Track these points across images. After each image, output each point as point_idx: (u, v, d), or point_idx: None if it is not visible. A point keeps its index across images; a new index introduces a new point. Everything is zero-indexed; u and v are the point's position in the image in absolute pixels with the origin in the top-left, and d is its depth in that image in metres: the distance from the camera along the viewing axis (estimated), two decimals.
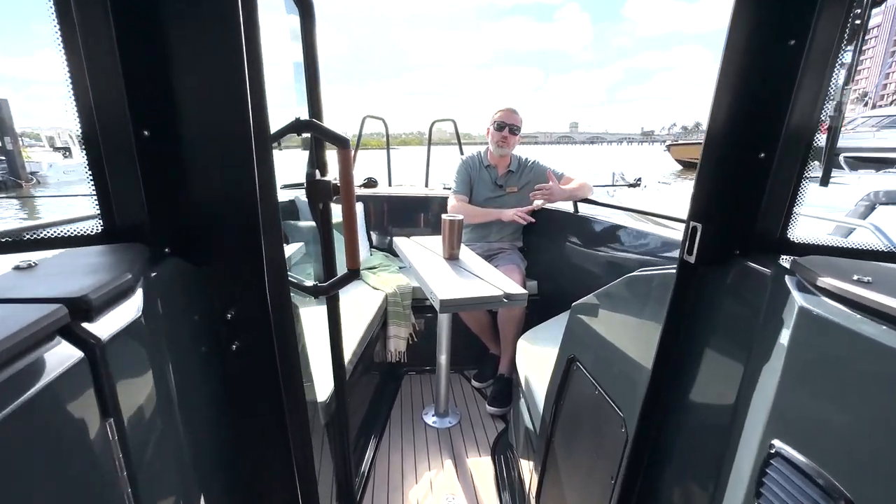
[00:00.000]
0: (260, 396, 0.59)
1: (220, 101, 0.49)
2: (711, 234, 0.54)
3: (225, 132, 0.50)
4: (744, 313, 0.52)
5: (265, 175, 0.54)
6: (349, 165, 0.88)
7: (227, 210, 0.52)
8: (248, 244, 0.53)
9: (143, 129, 0.47)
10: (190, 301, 0.51)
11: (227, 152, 0.51)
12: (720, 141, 0.52)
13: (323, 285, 0.92)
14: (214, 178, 0.51)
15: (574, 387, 0.99)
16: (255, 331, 0.56)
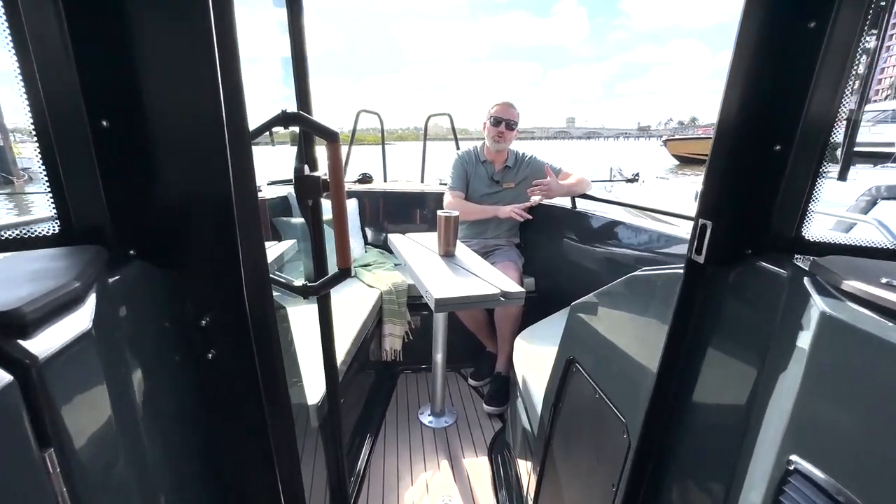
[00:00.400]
0: (239, 406, 0.55)
1: (188, 89, 0.45)
2: (722, 233, 0.50)
3: (195, 123, 0.46)
4: (757, 317, 0.48)
5: (243, 171, 0.50)
6: (339, 160, 0.83)
7: (199, 208, 0.48)
8: (223, 245, 0.49)
9: (101, 118, 0.43)
10: (159, 307, 0.48)
11: (198, 146, 0.47)
12: (732, 133, 0.48)
13: (313, 285, 0.88)
14: (185, 173, 0.47)
15: (573, 389, 0.96)
16: (233, 337, 0.52)
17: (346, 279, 0.87)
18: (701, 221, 0.52)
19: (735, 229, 0.50)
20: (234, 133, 0.48)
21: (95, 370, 0.37)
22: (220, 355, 0.52)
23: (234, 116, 0.48)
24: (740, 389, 0.49)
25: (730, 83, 0.47)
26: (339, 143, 0.82)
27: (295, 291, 0.88)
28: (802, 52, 0.45)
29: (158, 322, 0.47)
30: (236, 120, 0.48)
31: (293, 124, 0.84)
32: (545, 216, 2.35)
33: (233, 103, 0.48)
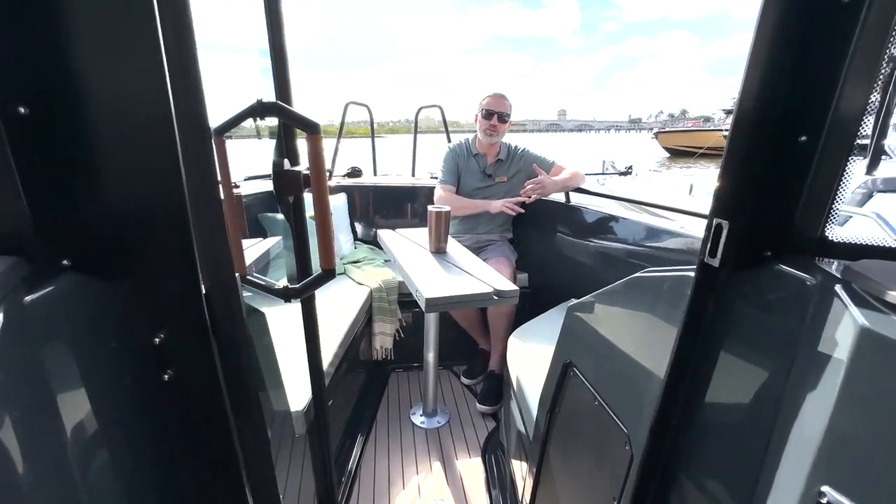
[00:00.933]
0: (204, 434, 0.49)
1: (126, 73, 0.39)
2: (740, 233, 0.45)
3: (137, 114, 0.40)
4: (779, 327, 0.44)
5: (203, 167, 0.44)
6: (320, 154, 0.77)
7: (147, 210, 0.42)
8: (177, 251, 0.43)
9: (18, 104, 0.37)
10: (101, 325, 0.42)
11: (142, 139, 0.40)
12: (752, 121, 0.43)
13: (295, 287, 0.82)
14: (128, 171, 0.41)
15: (571, 394, 0.91)
16: (193, 355, 0.46)
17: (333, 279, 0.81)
18: (716, 221, 0.47)
19: (754, 229, 0.45)
20: (190, 125, 0.42)
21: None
22: (178, 376, 0.46)
23: (189, 107, 0.42)
24: (760, 407, 0.45)
25: (751, 64, 0.42)
26: (321, 135, 0.76)
27: (275, 295, 0.82)
28: (835, 31, 0.40)
29: (101, 342, 0.41)
30: (193, 111, 0.42)
31: (270, 115, 0.77)
32: (538, 211, 2.30)
33: (188, 92, 0.41)
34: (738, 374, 0.49)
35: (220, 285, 0.47)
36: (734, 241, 0.46)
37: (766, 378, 0.45)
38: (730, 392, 0.50)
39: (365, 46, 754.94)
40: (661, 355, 0.62)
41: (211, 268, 0.46)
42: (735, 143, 0.44)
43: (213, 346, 0.47)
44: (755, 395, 0.46)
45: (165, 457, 0.48)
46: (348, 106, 3.07)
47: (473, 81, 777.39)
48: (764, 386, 0.45)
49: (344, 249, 2.47)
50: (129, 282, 0.43)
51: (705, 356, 0.52)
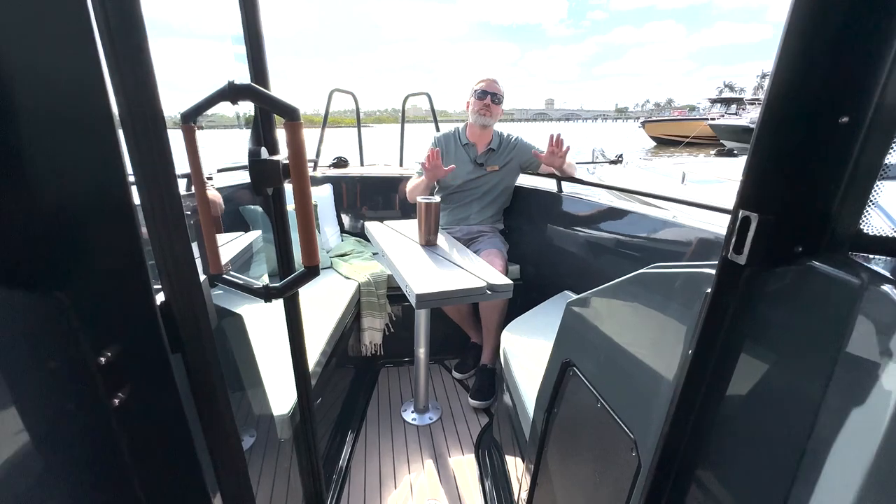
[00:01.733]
0: (164, 456, 0.43)
1: (47, 40, 0.32)
2: (770, 227, 0.41)
3: (65, 92, 0.33)
4: (815, 333, 0.39)
5: (156, 160, 0.37)
6: (300, 141, 0.70)
7: (82, 210, 0.35)
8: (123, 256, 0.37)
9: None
10: (33, 345, 0.35)
11: (72, 123, 0.34)
12: (786, 100, 0.38)
13: (275, 286, 0.76)
14: (54, 162, 0.34)
15: (570, 395, 0.87)
16: (149, 373, 0.40)
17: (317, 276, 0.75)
18: (742, 213, 0.42)
19: (784, 222, 0.41)
20: (139, 109, 0.35)
21: None
22: (131, 399, 0.40)
23: (135, 87, 0.35)
24: (791, 420, 0.40)
25: (788, 32, 0.37)
26: (300, 121, 0.69)
27: (255, 295, 0.75)
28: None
29: (33, 364, 0.35)
30: (140, 91, 0.36)
31: (243, 98, 0.70)
32: (530, 201, 2.25)
33: (134, 74, 0.35)
34: (764, 383, 0.44)
35: (183, 290, 0.41)
36: (763, 236, 0.41)
37: (799, 388, 0.41)
38: (755, 401, 0.45)
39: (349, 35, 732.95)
40: (672, 358, 0.58)
41: (171, 271, 0.40)
42: (766, 125, 0.39)
43: (171, 363, 0.41)
44: (786, 407, 0.42)
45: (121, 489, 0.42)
46: (333, 93, 2.96)
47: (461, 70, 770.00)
48: (797, 396, 0.41)
49: (330, 242, 2.39)
50: (65, 292, 0.36)
51: (725, 361, 0.48)
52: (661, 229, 1.58)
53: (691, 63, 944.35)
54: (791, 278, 0.42)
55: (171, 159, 0.41)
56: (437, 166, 1.89)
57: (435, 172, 1.91)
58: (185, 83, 28.99)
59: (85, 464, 0.39)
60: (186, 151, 0.66)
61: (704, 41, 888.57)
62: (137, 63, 0.37)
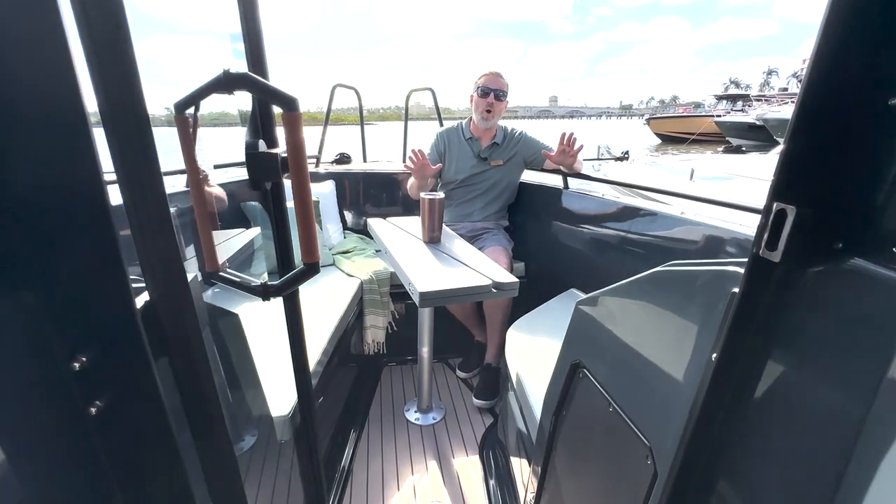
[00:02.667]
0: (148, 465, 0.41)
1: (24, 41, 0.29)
2: (808, 221, 0.37)
3: (42, 93, 0.30)
4: (858, 340, 0.36)
5: (139, 154, 0.35)
6: (299, 132, 0.67)
7: (51, 207, 0.32)
8: (97, 256, 0.34)
9: None
10: (2, 350, 0.32)
11: (49, 127, 0.31)
12: (829, 79, 0.34)
13: (274, 284, 0.73)
14: (17, 154, 0.31)
15: (580, 397, 0.84)
16: (128, 379, 0.37)
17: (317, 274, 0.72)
18: (777, 206, 0.38)
19: (825, 216, 0.37)
20: (117, 102, 0.32)
21: None
22: (110, 407, 0.37)
23: (115, 88, 0.32)
24: (828, 440, 0.37)
25: (831, 12, 0.33)
26: (299, 112, 0.65)
27: (252, 293, 0.72)
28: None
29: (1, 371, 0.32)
30: (120, 92, 0.33)
31: (238, 88, 0.66)
32: (535, 197, 2.21)
33: (115, 70, 0.32)
34: (798, 394, 0.41)
35: (168, 290, 0.38)
36: (800, 231, 0.37)
37: (838, 402, 0.37)
38: (787, 414, 0.42)
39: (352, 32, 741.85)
40: (692, 362, 0.54)
41: (156, 271, 0.37)
42: (805, 108, 0.36)
43: (154, 369, 0.38)
44: (823, 423, 0.38)
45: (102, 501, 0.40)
46: (335, 89, 2.93)
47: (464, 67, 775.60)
48: (836, 411, 0.37)
49: (333, 239, 2.36)
50: (34, 293, 0.33)
51: (753, 368, 0.44)
52: (670, 226, 1.54)
53: (696, 59, 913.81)
54: (830, 278, 0.39)
55: (155, 154, 0.38)
56: (423, 165, 1.83)
57: (422, 172, 1.86)
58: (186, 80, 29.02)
59: (61, 476, 0.36)
60: (181, 143, 0.63)
61: (709, 37, 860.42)
62: (119, 59, 0.34)
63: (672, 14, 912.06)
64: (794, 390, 0.41)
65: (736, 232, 1.27)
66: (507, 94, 2.00)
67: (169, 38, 62.13)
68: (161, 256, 0.37)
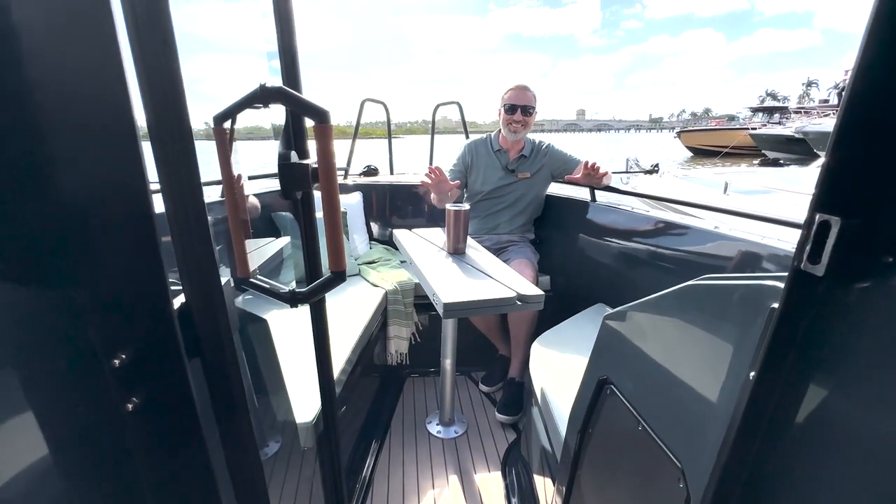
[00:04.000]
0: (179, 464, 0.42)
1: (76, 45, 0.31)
2: (855, 232, 0.35)
3: (89, 94, 0.33)
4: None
5: (181, 164, 0.36)
6: (329, 144, 0.69)
7: (101, 209, 0.34)
8: (140, 258, 0.36)
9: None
10: (46, 344, 0.34)
11: (96, 124, 0.33)
12: (873, 87, 0.33)
13: (301, 291, 0.75)
14: (75, 160, 0.34)
15: (607, 415, 0.81)
16: (163, 379, 0.39)
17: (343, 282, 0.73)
18: (820, 217, 0.36)
19: (874, 228, 0.35)
20: (163, 116, 0.34)
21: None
22: (145, 404, 0.38)
23: (162, 95, 0.34)
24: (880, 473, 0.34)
25: (878, 12, 0.32)
26: (330, 123, 0.67)
27: (281, 299, 0.74)
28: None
29: (44, 364, 0.34)
30: (167, 100, 0.35)
31: (273, 101, 0.69)
32: (561, 210, 2.19)
33: (162, 85, 0.34)
34: (845, 418, 0.38)
35: (203, 294, 0.40)
36: (846, 243, 0.35)
37: (889, 423, 0.35)
38: (834, 436, 0.39)
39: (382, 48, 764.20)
40: (728, 380, 0.52)
41: (192, 274, 0.39)
42: (850, 116, 0.34)
43: (188, 368, 0.39)
44: (874, 452, 0.36)
45: (133, 498, 0.41)
46: (364, 103, 3.01)
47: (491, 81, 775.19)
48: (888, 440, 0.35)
49: (359, 250, 2.40)
50: (78, 292, 0.35)
51: (795, 388, 0.42)
52: (703, 241, 1.49)
53: (730, 71, 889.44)
54: (880, 294, 0.36)
55: (196, 167, 0.40)
56: (441, 181, 1.83)
57: (439, 187, 1.86)
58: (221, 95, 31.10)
59: (96, 468, 0.38)
60: (218, 154, 0.66)
61: (745, 49, 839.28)
62: (167, 78, 0.36)
63: (706, 26, 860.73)
64: (840, 414, 0.39)
65: (774, 247, 1.22)
66: (534, 108, 2.00)
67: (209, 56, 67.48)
68: (198, 262, 0.39)
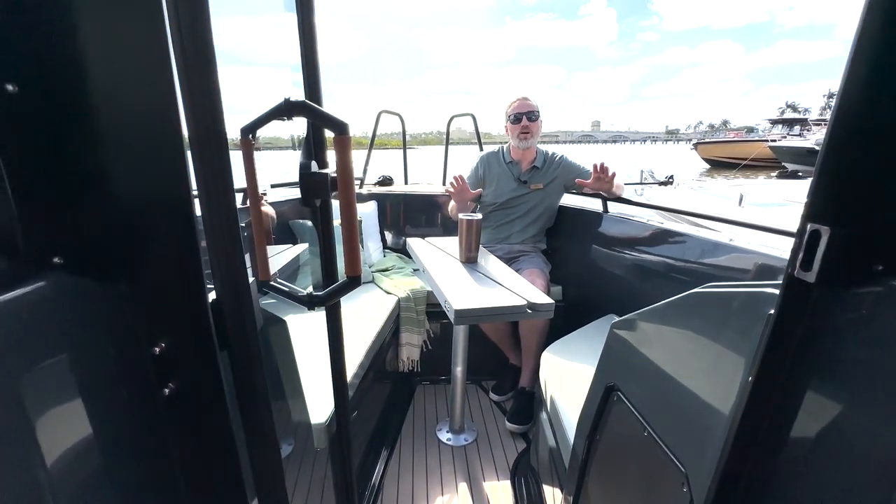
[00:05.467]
0: (207, 449, 0.45)
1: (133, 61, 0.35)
2: (843, 242, 0.37)
3: (144, 106, 0.37)
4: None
5: (217, 171, 0.40)
6: (348, 154, 0.73)
7: (150, 210, 0.38)
8: (181, 256, 0.39)
9: (4, 81, 0.34)
10: (95, 331, 0.38)
11: (149, 134, 0.37)
12: (860, 100, 0.35)
13: (319, 295, 0.78)
14: (130, 166, 0.38)
15: (614, 421, 0.82)
16: (198, 368, 0.42)
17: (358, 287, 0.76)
18: (811, 226, 0.38)
19: (861, 237, 0.37)
20: (204, 124, 0.38)
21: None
22: (180, 391, 0.42)
23: (202, 108, 0.38)
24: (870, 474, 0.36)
25: (868, 12, 0.33)
26: (349, 135, 0.71)
27: (298, 301, 0.78)
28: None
29: (94, 350, 0.38)
30: (206, 113, 0.39)
31: (297, 114, 0.74)
32: (574, 221, 2.20)
33: (202, 92, 0.38)
34: (839, 420, 0.40)
35: (232, 292, 0.43)
36: (835, 252, 0.37)
37: (881, 432, 0.36)
38: (828, 441, 0.41)
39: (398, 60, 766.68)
40: (729, 386, 0.53)
41: (223, 274, 0.42)
42: (840, 126, 0.36)
43: (219, 359, 0.42)
44: (865, 453, 0.37)
45: (164, 476, 0.44)
46: (381, 114, 3.08)
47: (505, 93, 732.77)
48: (878, 442, 0.36)
49: (373, 257, 2.45)
50: (127, 285, 0.39)
51: (792, 392, 0.43)
52: (716, 253, 1.49)
53: (749, 83, 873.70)
54: (870, 301, 0.38)
55: (230, 174, 0.44)
56: (463, 190, 1.93)
57: (461, 196, 1.95)
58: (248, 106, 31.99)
59: (134, 449, 0.41)
60: (244, 164, 0.71)
61: (764, 60, 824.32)
62: (207, 90, 0.40)
63: (723, 38, 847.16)
64: (835, 416, 0.40)
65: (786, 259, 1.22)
66: (538, 114, 2.03)
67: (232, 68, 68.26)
68: (229, 262, 0.42)
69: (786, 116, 30.80)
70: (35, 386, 0.32)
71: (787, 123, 29.98)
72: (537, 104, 2.04)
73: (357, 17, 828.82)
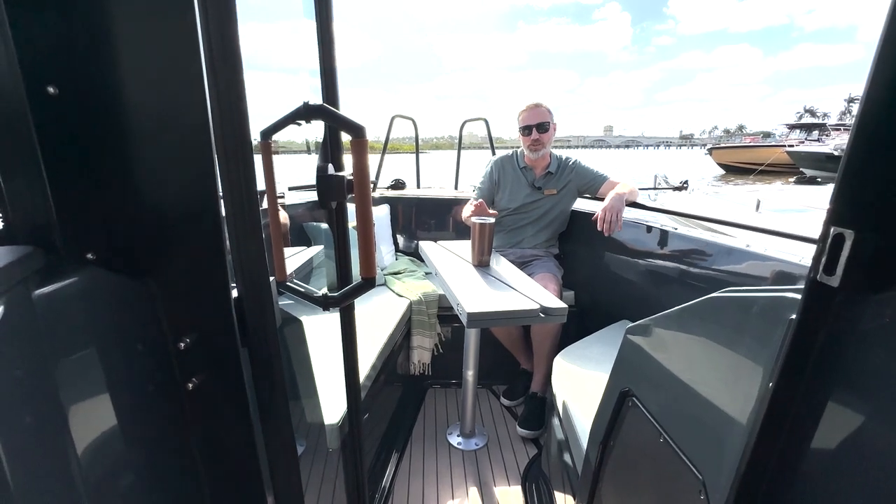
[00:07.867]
0: (227, 442, 0.46)
1: (167, 68, 0.37)
2: (868, 246, 0.36)
3: (177, 112, 0.38)
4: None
5: (241, 173, 0.41)
6: (364, 157, 0.74)
7: (179, 212, 0.40)
8: (207, 255, 0.40)
9: (46, 83, 0.35)
10: (124, 325, 0.39)
11: (180, 138, 0.38)
12: (886, 104, 0.34)
13: (334, 296, 0.79)
14: (162, 169, 0.39)
15: (629, 427, 0.82)
16: (220, 364, 0.43)
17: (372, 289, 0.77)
18: (834, 230, 0.38)
19: (888, 241, 0.36)
20: (231, 129, 0.40)
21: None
22: (202, 385, 0.43)
23: (229, 113, 0.39)
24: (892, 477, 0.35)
25: (895, 7, 0.33)
26: (366, 138, 0.72)
27: (314, 302, 0.79)
28: None
29: (122, 343, 0.39)
30: (233, 118, 0.40)
31: (315, 118, 0.75)
32: (586, 226, 2.19)
33: (230, 95, 0.39)
34: (864, 427, 0.39)
35: (254, 290, 0.44)
36: (860, 256, 0.37)
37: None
38: (849, 448, 0.40)
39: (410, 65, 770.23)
40: (748, 392, 0.52)
41: (245, 273, 0.43)
42: (864, 129, 0.36)
43: (241, 355, 0.43)
44: (890, 458, 0.36)
45: (186, 468, 0.45)
46: (394, 119, 3.10)
47: (517, 97, 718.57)
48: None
49: (385, 261, 2.46)
50: (155, 281, 0.40)
51: (813, 399, 0.43)
52: (732, 258, 1.46)
53: (766, 87, 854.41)
54: (893, 305, 0.37)
55: (254, 178, 0.45)
56: (483, 211, 1.84)
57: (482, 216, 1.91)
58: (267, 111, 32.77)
59: (157, 439, 0.42)
60: (263, 166, 0.72)
61: (782, 64, 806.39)
62: (234, 96, 0.42)
63: (741, 42, 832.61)
64: (859, 426, 0.39)
65: (805, 265, 1.19)
66: (549, 123, 2.02)
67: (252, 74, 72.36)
68: (251, 261, 0.44)
69: (804, 121, 30.22)
70: (68, 377, 0.33)
71: (806, 128, 29.40)
72: (550, 109, 2.03)
73: (370, 23, 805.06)
